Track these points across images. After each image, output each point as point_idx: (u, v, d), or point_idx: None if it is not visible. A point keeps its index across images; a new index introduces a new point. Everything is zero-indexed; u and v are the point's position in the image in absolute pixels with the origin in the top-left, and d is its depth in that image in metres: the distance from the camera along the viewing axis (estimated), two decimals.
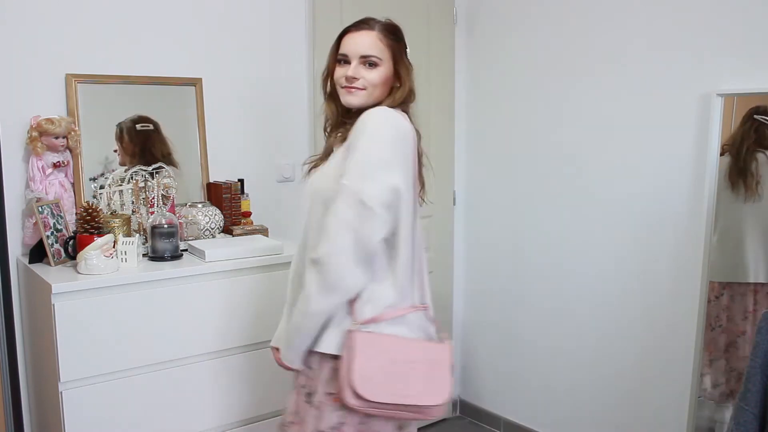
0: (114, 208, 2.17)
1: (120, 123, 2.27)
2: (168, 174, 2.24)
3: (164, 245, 2.03)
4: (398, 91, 1.62)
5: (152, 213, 2.14)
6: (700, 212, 2.23)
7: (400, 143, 1.51)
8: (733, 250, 2.25)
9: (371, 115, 1.51)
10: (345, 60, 1.60)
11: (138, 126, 2.28)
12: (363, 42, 1.59)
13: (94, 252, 1.87)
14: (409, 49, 1.67)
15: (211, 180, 2.43)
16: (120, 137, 2.27)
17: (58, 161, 2.10)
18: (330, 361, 1.51)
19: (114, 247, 1.94)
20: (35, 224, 2.00)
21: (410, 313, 1.56)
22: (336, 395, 1.48)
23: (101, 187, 2.17)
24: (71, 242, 1.98)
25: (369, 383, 1.45)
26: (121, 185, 2.19)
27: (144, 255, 2.07)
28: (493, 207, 2.93)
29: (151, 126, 2.31)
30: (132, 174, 2.21)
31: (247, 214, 2.45)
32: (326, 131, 1.70)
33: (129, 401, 1.89)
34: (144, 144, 2.30)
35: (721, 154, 2.19)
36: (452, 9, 2.96)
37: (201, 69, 2.42)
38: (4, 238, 2.07)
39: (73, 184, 2.16)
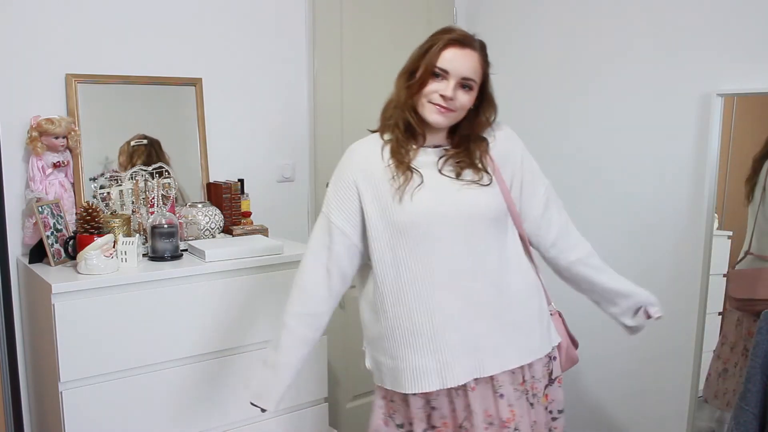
0: (114, 208, 2.17)
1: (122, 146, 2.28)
2: (168, 174, 2.24)
3: (164, 245, 2.03)
4: (490, 114, 1.66)
5: (152, 213, 2.14)
6: (700, 212, 2.23)
7: None
8: None
9: (514, 135, 1.75)
10: (443, 76, 1.52)
11: (133, 142, 2.27)
12: (467, 63, 1.54)
13: (94, 252, 1.87)
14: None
15: (211, 180, 2.43)
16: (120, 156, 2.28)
17: (58, 161, 2.10)
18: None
19: (114, 247, 1.94)
20: (35, 224, 2.00)
21: None
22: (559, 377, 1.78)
23: (101, 187, 2.17)
24: (71, 242, 1.98)
25: None
26: (121, 185, 2.19)
27: (144, 255, 2.07)
28: None
29: (145, 141, 2.29)
30: (132, 174, 2.21)
31: (247, 214, 2.45)
32: (401, 137, 1.57)
33: (129, 401, 1.89)
34: (144, 161, 2.29)
35: None
36: (452, 9, 2.96)
37: (201, 69, 2.42)
38: (4, 238, 2.07)
39: (73, 184, 2.16)
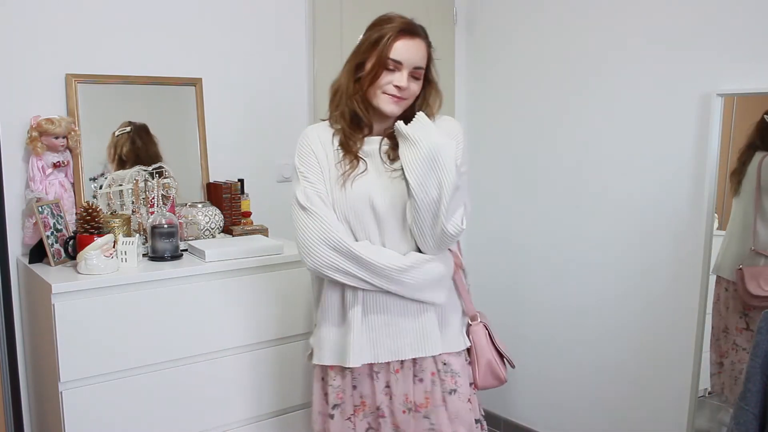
0: (114, 208, 2.17)
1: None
2: (168, 174, 2.24)
3: (164, 245, 2.03)
4: (435, 100, 1.66)
5: (152, 213, 2.14)
6: (700, 212, 2.23)
7: None
8: None
9: (457, 127, 1.68)
10: (396, 67, 1.57)
11: (117, 132, 2.26)
12: (417, 53, 1.59)
13: (94, 252, 1.87)
14: None
15: (211, 180, 2.43)
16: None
17: (58, 161, 2.10)
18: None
19: (114, 247, 1.94)
20: (35, 224, 2.00)
21: None
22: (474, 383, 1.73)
23: (101, 187, 2.17)
24: (71, 242, 1.98)
25: None
26: (121, 185, 2.19)
27: (144, 255, 2.07)
28: (494, 206, 2.92)
29: (128, 129, 2.27)
30: (132, 174, 2.21)
31: (247, 214, 2.45)
32: (347, 129, 1.63)
33: (129, 401, 1.89)
34: (128, 148, 2.28)
35: None
36: (452, 9, 2.96)
37: (201, 69, 2.42)
38: (4, 238, 2.07)
39: (73, 184, 2.16)
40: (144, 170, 2.23)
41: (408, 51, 1.57)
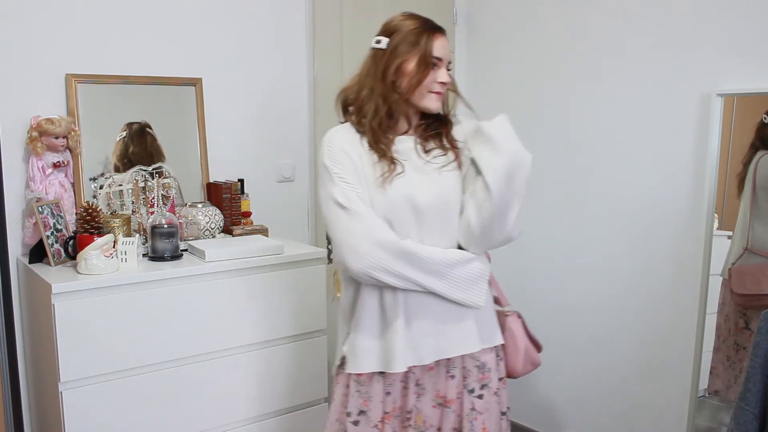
0: (114, 208, 2.17)
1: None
2: (168, 174, 2.24)
3: (164, 245, 2.03)
4: (457, 97, 1.71)
5: (152, 213, 2.14)
6: (700, 211, 2.24)
7: None
8: None
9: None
10: (438, 64, 1.60)
11: (117, 137, 2.27)
12: (448, 48, 1.63)
13: (94, 252, 1.87)
14: None
15: (211, 180, 2.43)
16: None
17: (58, 161, 2.10)
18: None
19: (114, 247, 1.94)
20: (35, 224, 2.00)
21: None
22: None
23: (101, 187, 2.17)
24: (71, 242, 1.98)
25: None
26: (121, 185, 2.20)
27: (144, 255, 2.07)
28: None
29: (124, 134, 2.28)
30: (132, 174, 2.21)
31: (247, 214, 2.45)
32: (378, 131, 1.60)
33: (129, 401, 1.89)
34: (122, 153, 2.28)
35: None
36: (452, 9, 2.96)
37: (201, 69, 2.42)
38: (4, 238, 2.07)
39: (73, 184, 2.16)
40: (144, 170, 2.23)
41: (443, 47, 1.60)
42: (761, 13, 2.06)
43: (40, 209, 1.97)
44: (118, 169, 2.25)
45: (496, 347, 1.70)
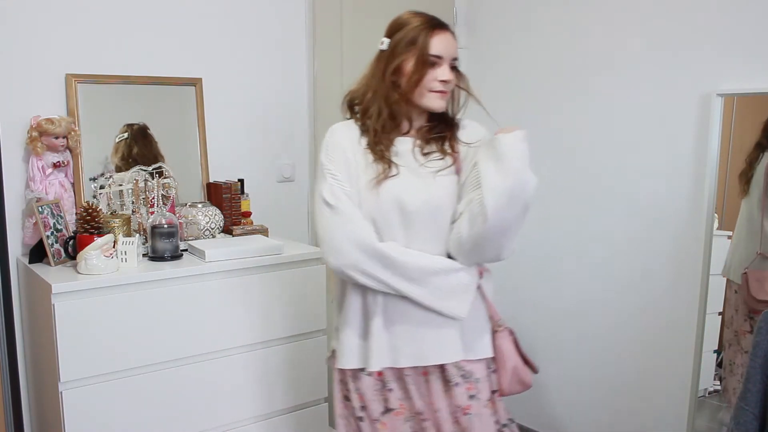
0: (114, 208, 2.17)
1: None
2: (168, 174, 2.24)
3: (164, 245, 2.03)
4: (467, 85, 1.65)
5: (152, 213, 2.14)
6: (701, 211, 2.24)
7: None
8: None
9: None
10: (438, 62, 1.56)
11: (117, 138, 2.27)
12: (452, 45, 1.57)
13: (94, 252, 1.87)
14: None
15: (211, 180, 2.43)
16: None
17: (58, 161, 2.10)
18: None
19: (114, 247, 1.94)
20: (35, 224, 2.00)
21: None
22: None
23: (101, 187, 2.17)
24: (71, 242, 1.98)
25: None
26: (121, 185, 2.19)
27: (144, 255, 2.07)
28: None
29: (126, 135, 2.28)
30: (132, 174, 2.21)
31: (247, 214, 2.45)
32: (380, 131, 1.59)
33: (129, 401, 1.89)
34: (126, 154, 2.28)
35: None
36: (452, 9, 2.96)
37: (201, 69, 2.42)
38: (4, 238, 2.07)
39: (73, 184, 2.16)
40: (144, 170, 2.23)
41: (445, 44, 1.56)
42: (761, 13, 2.06)
43: (40, 209, 1.97)
44: (120, 170, 2.25)
45: (486, 359, 1.66)
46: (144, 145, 2.31)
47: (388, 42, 1.59)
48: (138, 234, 2.13)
